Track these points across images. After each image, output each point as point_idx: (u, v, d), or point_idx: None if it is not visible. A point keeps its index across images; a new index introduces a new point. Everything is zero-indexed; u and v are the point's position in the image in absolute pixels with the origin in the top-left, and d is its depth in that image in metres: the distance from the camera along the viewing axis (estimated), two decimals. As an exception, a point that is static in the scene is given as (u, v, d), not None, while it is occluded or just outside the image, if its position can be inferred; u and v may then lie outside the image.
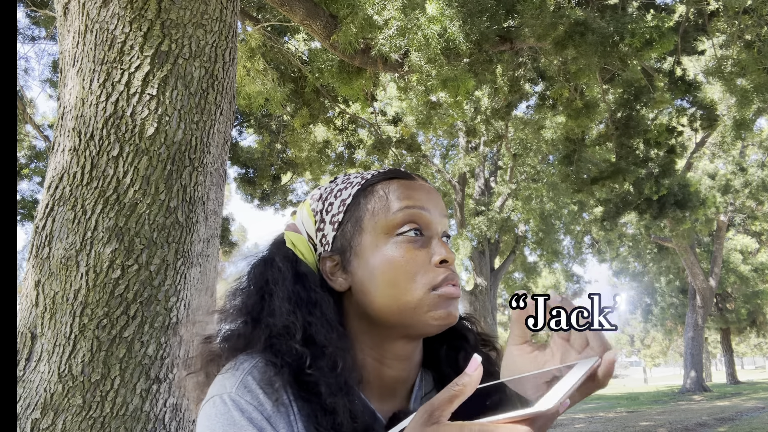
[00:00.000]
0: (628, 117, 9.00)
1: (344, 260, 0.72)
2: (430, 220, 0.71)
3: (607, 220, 11.50)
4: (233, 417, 0.61)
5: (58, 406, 1.81)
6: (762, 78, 7.28)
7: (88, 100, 2.07)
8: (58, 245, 1.97)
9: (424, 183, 0.76)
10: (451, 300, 0.69)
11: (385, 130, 11.68)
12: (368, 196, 0.73)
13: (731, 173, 16.58)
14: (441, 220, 0.73)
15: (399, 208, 0.71)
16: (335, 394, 0.64)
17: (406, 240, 0.69)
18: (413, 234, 0.70)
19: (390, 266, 0.69)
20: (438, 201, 0.74)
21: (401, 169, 0.77)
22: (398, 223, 0.70)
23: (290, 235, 0.77)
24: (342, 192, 0.75)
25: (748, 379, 32.69)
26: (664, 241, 17.83)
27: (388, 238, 0.70)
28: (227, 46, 2.35)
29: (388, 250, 0.69)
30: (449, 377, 0.69)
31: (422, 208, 0.71)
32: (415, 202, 0.71)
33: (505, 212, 15.74)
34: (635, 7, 7.82)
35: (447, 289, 0.68)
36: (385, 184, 0.74)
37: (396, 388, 0.74)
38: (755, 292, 22.74)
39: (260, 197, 12.56)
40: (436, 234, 0.72)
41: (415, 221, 0.71)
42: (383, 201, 0.72)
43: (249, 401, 0.62)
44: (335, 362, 0.66)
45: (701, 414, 11.85)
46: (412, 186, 0.73)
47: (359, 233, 0.72)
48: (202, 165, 2.19)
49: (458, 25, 5.23)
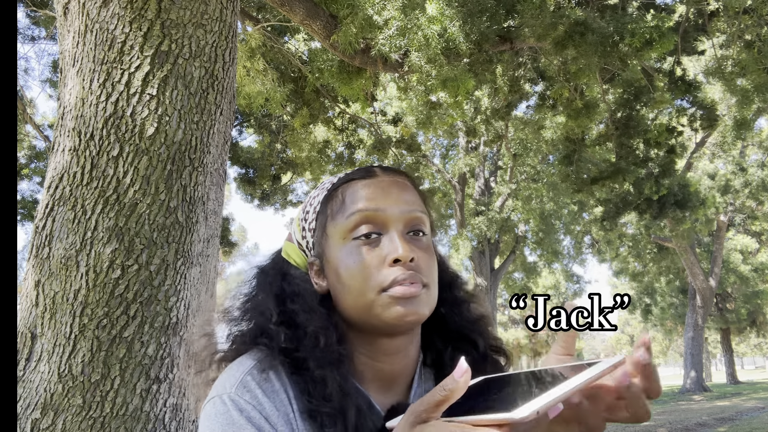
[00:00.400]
0: (628, 117, 9.00)
1: (321, 264, 0.75)
2: (384, 219, 0.70)
3: (607, 220, 11.50)
4: (232, 416, 0.62)
5: (58, 406, 1.81)
6: (762, 78, 7.27)
7: (88, 100, 2.07)
8: (58, 245, 1.97)
9: (386, 177, 0.75)
10: (405, 300, 0.67)
11: (385, 130, 11.68)
12: (330, 201, 0.75)
13: (731, 173, 16.58)
14: (402, 216, 0.71)
15: (351, 212, 0.71)
16: (323, 367, 0.66)
17: (359, 243, 0.70)
18: (368, 236, 0.70)
19: (346, 271, 0.70)
20: (399, 196, 0.73)
21: (365, 167, 0.77)
22: (351, 227, 0.71)
23: (285, 245, 0.82)
24: (314, 199, 0.78)
25: (748, 379, 32.70)
26: (664, 241, 17.83)
27: (345, 242, 0.71)
28: (227, 46, 2.35)
29: (344, 254, 0.71)
30: None
31: (375, 209, 0.70)
32: (367, 204, 0.71)
33: (505, 212, 15.73)
34: (635, 7, 7.82)
35: (397, 289, 0.67)
36: (344, 187, 0.74)
37: (393, 383, 0.75)
38: (755, 292, 22.74)
39: (260, 197, 12.55)
40: (396, 231, 0.70)
41: (367, 222, 0.70)
42: (340, 205, 0.73)
43: (248, 400, 0.63)
44: (317, 338, 0.68)
45: (701, 414, 11.85)
46: (367, 185, 0.73)
47: (326, 239, 0.74)
48: (202, 165, 2.19)
49: (458, 25, 5.23)
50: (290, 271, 0.78)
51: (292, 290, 0.74)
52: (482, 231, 14.97)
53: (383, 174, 0.75)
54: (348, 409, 0.65)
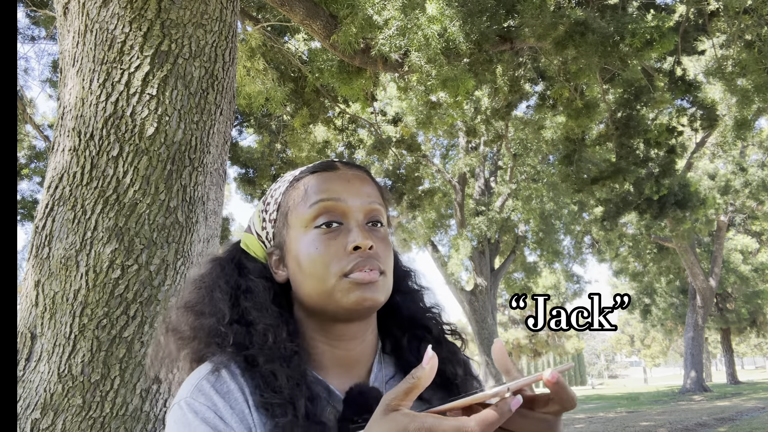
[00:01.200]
0: (628, 117, 9.00)
1: (282, 254, 0.78)
2: (345, 210, 0.74)
3: (607, 220, 11.50)
4: (188, 419, 0.65)
5: (58, 406, 1.81)
6: (762, 78, 7.27)
7: (88, 100, 2.07)
8: (58, 245, 1.97)
9: (347, 171, 0.78)
10: (364, 285, 0.71)
11: (385, 130, 11.68)
12: (292, 192, 0.78)
13: (731, 173, 16.57)
14: (362, 207, 0.75)
15: (313, 202, 0.74)
16: (272, 361, 0.69)
17: (320, 232, 0.73)
18: (329, 225, 0.73)
19: (308, 258, 0.73)
20: (361, 187, 0.76)
21: (326, 161, 0.80)
22: (313, 216, 0.74)
23: (245, 236, 0.85)
24: (275, 191, 0.81)
25: (748, 379, 32.68)
26: (664, 241, 17.83)
27: (306, 231, 0.74)
28: (227, 46, 2.34)
29: (305, 242, 0.74)
30: (412, 364, 0.72)
31: (337, 199, 0.74)
32: (329, 194, 0.74)
33: (505, 212, 15.73)
34: (635, 7, 7.82)
35: (357, 275, 0.70)
36: (307, 179, 0.78)
37: (353, 368, 0.78)
38: (755, 292, 22.73)
39: (260, 197, 12.54)
40: (356, 221, 0.74)
41: (329, 211, 0.74)
42: (302, 195, 0.76)
43: (203, 402, 0.66)
44: (266, 336, 0.72)
45: (701, 414, 11.85)
46: (329, 177, 0.76)
47: (287, 228, 0.77)
48: (202, 165, 2.19)
49: (458, 25, 5.23)
50: (247, 264, 0.80)
51: (246, 286, 0.77)
52: (482, 231, 14.96)
53: (344, 168, 0.79)
54: (297, 399, 0.67)
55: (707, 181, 16.65)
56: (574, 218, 17.61)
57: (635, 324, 42.52)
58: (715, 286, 19.62)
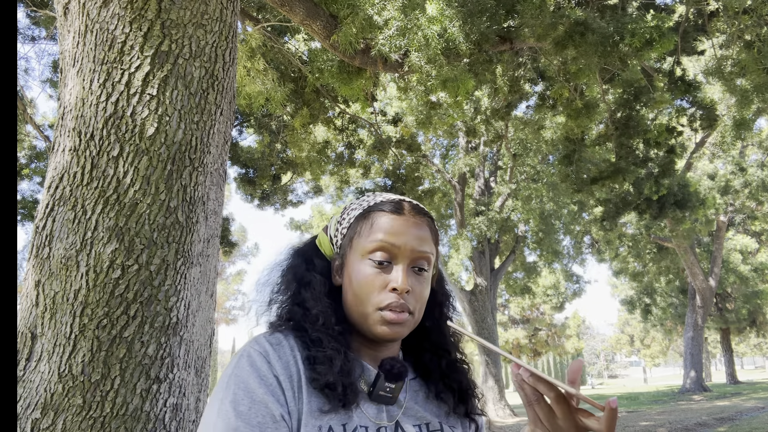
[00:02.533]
0: (628, 117, 9.00)
1: (341, 264, 0.94)
2: (397, 253, 0.88)
3: (607, 220, 11.50)
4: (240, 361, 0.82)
5: (58, 406, 1.82)
6: (762, 78, 7.27)
7: (88, 100, 2.07)
8: (58, 245, 1.97)
9: (410, 218, 0.91)
10: (391, 323, 0.86)
11: (385, 130, 11.67)
12: (362, 220, 0.92)
13: (731, 173, 16.57)
14: (412, 254, 0.88)
15: (375, 239, 0.88)
16: (318, 331, 0.86)
17: (372, 264, 0.88)
18: (381, 263, 0.87)
19: (357, 282, 0.88)
20: (415, 236, 0.89)
21: (399, 201, 0.93)
22: (370, 250, 0.88)
23: (320, 235, 1.01)
24: (353, 211, 0.95)
25: (747, 379, 32.68)
26: (664, 241, 17.83)
27: (363, 259, 0.89)
28: (227, 46, 2.35)
29: (359, 268, 0.89)
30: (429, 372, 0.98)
31: (393, 244, 0.87)
32: (388, 238, 0.88)
33: (505, 212, 15.72)
34: (635, 7, 7.82)
35: (388, 313, 0.85)
36: (377, 215, 0.91)
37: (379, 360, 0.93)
38: (755, 292, 22.73)
39: (260, 197, 12.54)
40: (404, 264, 0.88)
41: (384, 251, 0.88)
42: (368, 228, 0.90)
43: (256, 349, 0.83)
44: (317, 317, 0.88)
45: (701, 414, 11.85)
46: (394, 221, 0.90)
47: (350, 248, 0.92)
48: (202, 165, 2.19)
49: (458, 25, 5.23)
50: (314, 260, 0.97)
51: (309, 280, 0.93)
52: (482, 231, 14.96)
53: (409, 214, 0.91)
54: (335, 357, 0.83)
55: (707, 181, 16.64)
56: (574, 218, 17.61)
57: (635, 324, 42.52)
58: (715, 286, 19.62)
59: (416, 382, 0.97)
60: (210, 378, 2.31)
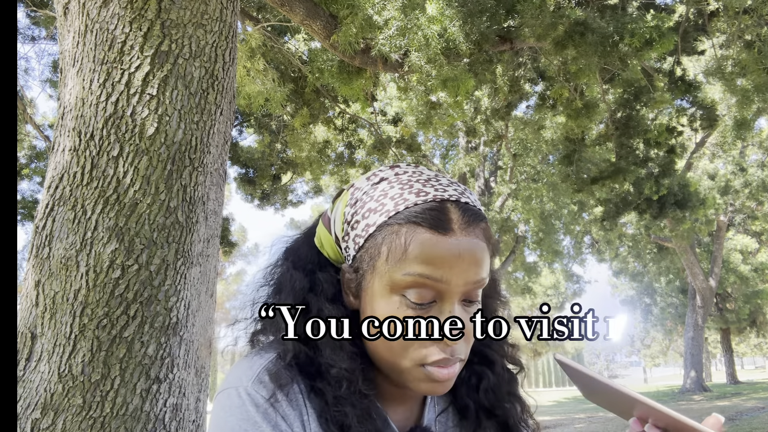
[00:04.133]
0: (628, 117, 9.00)
1: (357, 283, 0.68)
2: (444, 291, 0.62)
3: (607, 220, 11.50)
4: (248, 411, 0.61)
5: (58, 406, 1.81)
6: (762, 78, 7.27)
7: (88, 100, 2.07)
8: (58, 245, 1.97)
9: (461, 238, 0.63)
10: (439, 383, 0.64)
11: (385, 130, 11.67)
12: (389, 236, 0.64)
13: (731, 173, 16.57)
14: (465, 287, 0.63)
15: (411, 273, 0.62)
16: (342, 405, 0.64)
17: (407, 304, 0.63)
18: (420, 304, 0.63)
19: (386, 326, 0.64)
20: (469, 264, 0.63)
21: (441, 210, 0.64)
22: (405, 286, 0.62)
23: (321, 232, 0.74)
24: (371, 213, 0.66)
25: (748, 379, 32.67)
26: (664, 241, 17.83)
27: (392, 294, 0.63)
28: (227, 46, 2.35)
29: (389, 307, 0.64)
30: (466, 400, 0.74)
31: (438, 280, 0.62)
32: (432, 272, 0.61)
33: (505, 212, 15.73)
34: (635, 7, 7.82)
35: (434, 370, 0.63)
36: (411, 230, 0.63)
37: (407, 401, 0.74)
38: (755, 292, 22.73)
39: (260, 197, 12.55)
40: (451, 303, 0.63)
41: (426, 288, 0.62)
42: (400, 251, 0.63)
43: (264, 396, 0.62)
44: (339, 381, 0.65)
45: (701, 414, 11.84)
46: (439, 245, 0.62)
47: (372, 271, 0.65)
48: (202, 165, 2.19)
49: (458, 25, 5.23)
50: (317, 272, 0.72)
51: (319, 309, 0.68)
52: (482, 231, 14.94)
53: (460, 230, 0.63)
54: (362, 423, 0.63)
55: (707, 181, 16.65)
56: (574, 218, 17.61)
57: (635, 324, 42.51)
58: (715, 286, 19.62)
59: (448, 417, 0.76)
60: (210, 378, 2.31)
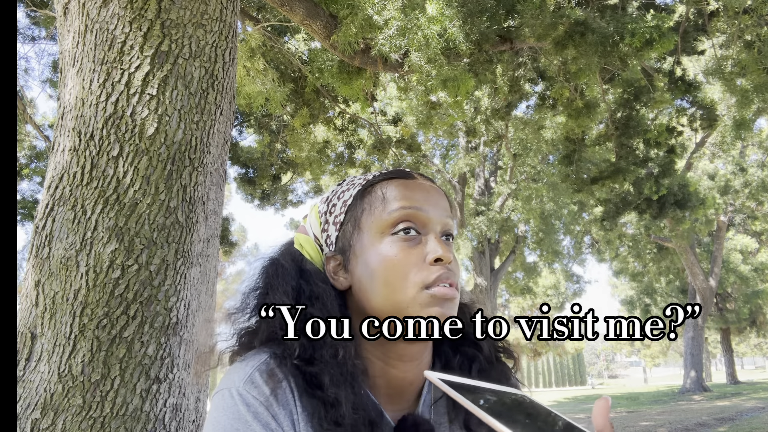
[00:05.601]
0: (628, 117, 9.00)
1: (345, 259, 0.74)
2: (426, 219, 0.71)
3: (607, 220, 11.50)
4: (239, 411, 0.62)
5: (58, 406, 1.81)
6: (762, 78, 7.27)
7: (88, 100, 2.07)
8: (58, 245, 1.97)
9: (425, 182, 0.76)
10: (445, 300, 0.67)
11: (385, 130, 11.67)
12: (367, 196, 0.74)
13: (731, 173, 16.57)
14: (440, 220, 0.73)
15: (395, 208, 0.71)
16: (338, 385, 0.65)
17: (400, 239, 0.70)
18: (408, 233, 0.70)
19: (384, 265, 0.69)
20: (438, 200, 0.74)
21: (402, 169, 0.78)
22: (393, 222, 0.71)
23: (299, 236, 0.79)
24: (344, 193, 0.77)
25: (748, 379, 32.67)
26: (664, 241, 17.82)
27: (383, 237, 0.71)
28: (227, 46, 2.35)
29: (382, 248, 0.70)
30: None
31: (419, 208, 0.71)
32: (411, 202, 0.71)
33: (505, 212, 15.73)
34: (635, 7, 7.82)
35: (439, 289, 0.67)
36: (384, 184, 0.74)
37: (403, 390, 0.74)
38: (755, 292, 22.73)
39: (260, 197, 12.55)
40: (434, 232, 0.71)
41: (410, 220, 0.71)
42: (380, 201, 0.73)
43: (255, 396, 0.63)
44: (336, 351, 0.67)
45: (701, 414, 11.85)
46: (409, 185, 0.74)
47: (358, 232, 0.73)
48: (202, 165, 2.19)
49: (458, 25, 5.23)
50: (305, 266, 0.75)
51: (311, 291, 0.72)
52: (482, 231, 14.96)
53: (422, 179, 0.77)
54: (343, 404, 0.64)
55: (707, 181, 16.65)
56: (574, 218, 17.61)
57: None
58: (715, 286, 19.62)
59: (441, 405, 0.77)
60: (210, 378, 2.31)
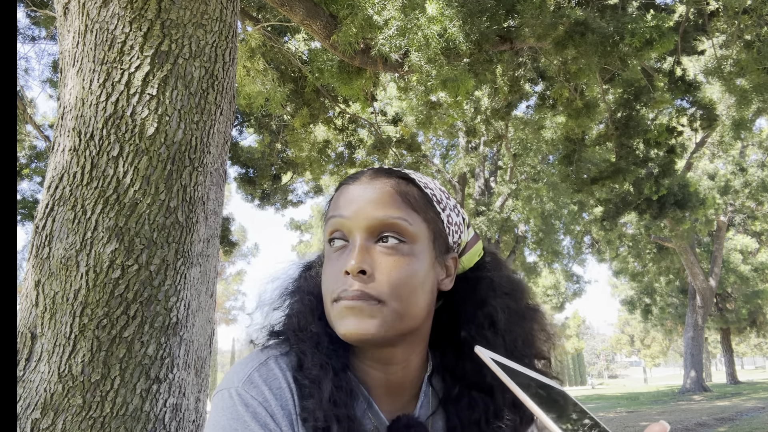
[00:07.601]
0: (628, 117, 9.01)
1: None
2: (350, 227, 0.67)
3: (607, 220, 11.51)
4: (238, 411, 0.63)
5: (58, 406, 1.81)
6: (761, 78, 7.27)
7: (88, 100, 2.07)
8: (58, 245, 1.97)
9: (364, 181, 0.70)
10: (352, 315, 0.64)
11: (385, 130, 11.68)
12: (329, 202, 0.74)
13: (731, 173, 16.57)
14: (364, 222, 0.66)
15: (327, 217, 0.71)
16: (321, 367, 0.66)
17: (331, 250, 0.69)
18: (333, 243, 0.69)
19: (323, 277, 0.70)
20: (368, 201, 0.67)
21: (363, 170, 0.73)
22: (328, 232, 0.70)
23: None
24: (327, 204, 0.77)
25: (748, 379, 32.67)
26: (664, 241, 17.83)
27: (325, 247, 0.71)
28: (227, 46, 2.35)
29: (325, 260, 0.70)
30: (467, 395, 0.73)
31: (340, 215, 0.68)
32: (336, 210, 0.69)
33: (505, 212, 15.73)
34: (635, 7, 7.82)
35: (342, 303, 0.64)
36: (339, 191, 0.72)
37: (400, 391, 0.73)
38: (755, 292, 22.73)
39: (260, 197, 12.55)
40: (359, 238, 0.66)
41: (337, 229, 0.68)
42: (330, 209, 0.72)
43: (254, 396, 0.64)
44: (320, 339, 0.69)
45: (701, 414, 11.85)
46: (344, 191, 0.70)
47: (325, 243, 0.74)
48: (202, 165, 2.19)
49: (458, 25, 5.23)
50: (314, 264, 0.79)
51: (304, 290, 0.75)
52: (482, 231, 14.96)
53: (367, 178, 0.70)
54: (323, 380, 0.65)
55: (707, 181, 16.65)
56: (574, 218, 17.61)
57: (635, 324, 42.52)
58: (715, 286, 19.62)
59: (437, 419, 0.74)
60: (210, 378, 2.31)
